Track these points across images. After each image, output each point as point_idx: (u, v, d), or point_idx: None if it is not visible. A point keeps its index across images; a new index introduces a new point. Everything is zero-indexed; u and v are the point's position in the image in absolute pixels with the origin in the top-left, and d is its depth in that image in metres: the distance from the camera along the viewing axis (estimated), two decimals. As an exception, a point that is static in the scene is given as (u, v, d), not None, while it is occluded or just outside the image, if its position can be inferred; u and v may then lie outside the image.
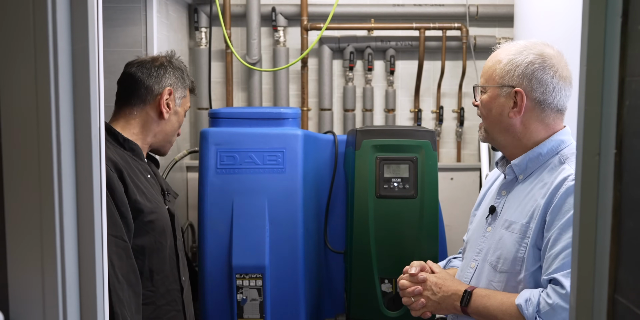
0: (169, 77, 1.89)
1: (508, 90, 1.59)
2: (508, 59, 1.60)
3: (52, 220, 0.98)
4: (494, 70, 1.62)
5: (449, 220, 3.12)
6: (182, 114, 1.95)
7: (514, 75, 1.58)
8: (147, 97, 1.87)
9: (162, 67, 1.90)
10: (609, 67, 0.82)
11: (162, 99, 1.86)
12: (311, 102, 3.38)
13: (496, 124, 1.63)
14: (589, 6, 0.84)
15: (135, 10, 2.57)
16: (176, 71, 1.92)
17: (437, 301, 1.64)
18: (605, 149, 0.83)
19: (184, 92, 1.94)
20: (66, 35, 0.98)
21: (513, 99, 1.59)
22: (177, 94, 1.90)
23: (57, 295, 0.99)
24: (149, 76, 1.89)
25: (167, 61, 1.92)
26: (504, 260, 1.56)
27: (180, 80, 1.92)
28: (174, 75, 1.91)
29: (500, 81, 1.60)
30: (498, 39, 3.28)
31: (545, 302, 1.44)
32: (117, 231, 1.62)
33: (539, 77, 1.57)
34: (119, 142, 1.80)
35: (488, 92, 1.63)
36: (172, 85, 1.89)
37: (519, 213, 1.58)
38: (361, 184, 2.16)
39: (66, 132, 0.99)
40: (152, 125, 1.88)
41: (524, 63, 1.58)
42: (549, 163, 1.59)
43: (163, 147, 1.96)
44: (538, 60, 1.58)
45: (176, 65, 1.93)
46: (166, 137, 1.93)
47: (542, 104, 1.59)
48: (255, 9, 3.21)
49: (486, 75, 1.65)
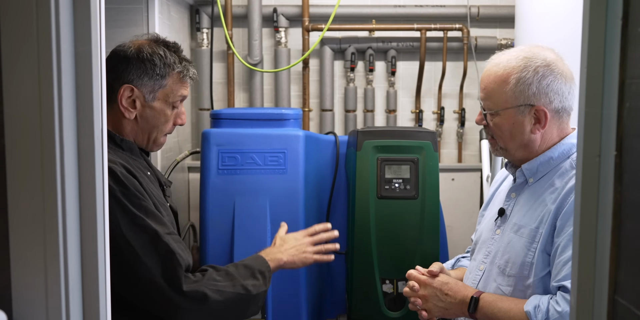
0: (130, 73, 1.70)
1: (526, 109, 1.54)
2: (516, 78, 1.53)
3: (55, 220, 0.98)
4: (504, 93, 1.55)
5: (450, 221, 3.12)
6: (162, 107, 1.74)
7: (528, 94, 1.53)
8: (110, 94, 1.69)
9: (124, 61, 1.71)
10: (609, 69, 0.83)
11: (120, 97, 1.69)
12: (312, 103, 3.39)
13: (516, 141, 1.58)
14: (590, 8, 0.84)
15: (137, 12, 2.58)
16: (142, 64, 1.71)
17: (445, 307, 1.63)
18: (605, 150, 0.83)
19: (159, 83, 1.72)
20: (69, 37, 0.98)
21: (532, 116, 1.54)
22: (145, 89, 1.71)
23: (59, 295, 0.99)
24: (109, 71, 1.68)
25: (135, 51, 1.72)
26: (512, 264, 1.55)
27: (148, 72, 1.71)
28: (138, 68, 1.70)
29: (515, 102, 1.54)
30: (499, 39, 3.28)
31: (555, 309, 1.43)
32: (169, 228, 1.61)
33: (555, 88, 1.53)
34: (116, 144, 1.72)
35: (501, 115, 1.56)
36: (134, 81, 1.70)
37: (528, 217, 1.56)
38: (362, 184, 2.16)
39: (69, 133, 0.99)
40: (127, 124, 1.73)
41: (535, 79, 1.52)
42: (560, 167, 1.57)
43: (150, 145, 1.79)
44: (547, 71, 1.53)
45: (145, 57, 1.71)
46: (152, 134, 1.76)
47: (560, 111, 1.56)
48: (256, 9, 3.21)
49: (494, 99, 1.57)
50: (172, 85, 1.75)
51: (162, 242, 1.57)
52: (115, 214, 1.53)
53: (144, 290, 1.57)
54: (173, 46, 1.80)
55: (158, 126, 1.76)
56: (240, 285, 1.66)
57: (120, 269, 1.52)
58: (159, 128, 1.76)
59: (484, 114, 1.62)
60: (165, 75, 1.74)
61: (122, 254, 1.53)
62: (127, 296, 1.57)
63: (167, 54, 1.75)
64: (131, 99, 1.71)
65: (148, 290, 1.56)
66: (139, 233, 1.56)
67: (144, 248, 1.56)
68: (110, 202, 1.51)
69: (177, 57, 1.77)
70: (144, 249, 1.55)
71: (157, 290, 1.56)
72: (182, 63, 1.78)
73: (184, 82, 1.78)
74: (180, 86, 1.77)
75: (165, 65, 1.73)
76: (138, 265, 1.55)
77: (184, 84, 1.78)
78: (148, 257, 1.55)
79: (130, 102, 1.71)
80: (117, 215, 1.54)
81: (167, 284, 1.56)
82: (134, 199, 1.58)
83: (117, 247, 1.51)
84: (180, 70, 1.76)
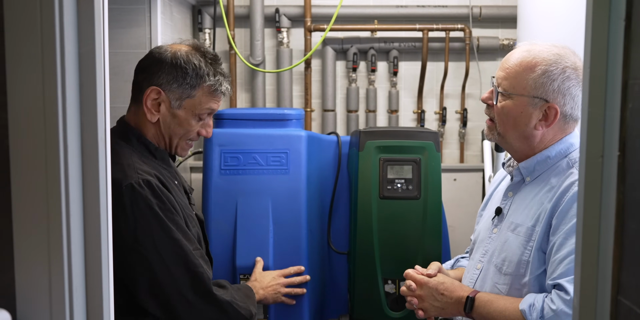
0: (160, 76, 1.66)
1: (540, 102, 1.53)
2: (543, 70, 1.52)
3: (59, 220, 0.99)
4: (526, 79, 1.53)
5: (452, 221, 3.13)
6: (186, 117, 1.70)
7: (548, 89, 1.52)
8: (137, 94, 1.69)
9: (157, 63, 1.67)
10: (612, 70, 0.83)
11: (146, 97, 1.66)
12: (314, 103, 3.39)
13: (516, 131, 1.57)
14: (593, 9, 0.84)
15: (139, 12, 2.58)
16: (174, 70, 1.67)
17: (441, 307, 1.63)
18: (608, 151, 0.83)
19: (187, 92, 1.68)
20: (73, 38, 0.98)
21: (542, 112, 1.54)
22: (172, 95, 1.67)
23: (63, 295, 0.99)
24: (142, 70, 1.69)
25: (171, 56, 1.68)
26: (509, 262, 1.56)
27: (178, 80, 1.67)
28: (170, 73, 1.66)
29: (533, 92, 1.52)
30: (501, 40, 3.28)
31: (549, 307, 1.43)
32: (194, 244, 1.63)
33: (573, 93, 1.52)
34: (151, 152, 1.69)
35: (514, 99, 1.55)
36: (163, 85, 1.66)
37: (525, 216, 1.57)
38: (364, 185, 2.16)
39: (73, 134, 0.99)
40: (150, 125, 1.70)
41: (560, 78, 1.51)
42: (557, 166, 1.57)
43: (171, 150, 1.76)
44: (573, 75, 1.52)
45: (179, 64, 1.67)
46: (174, 141, 1.73)
47: (567, 117, 1.56)
48: (258, 10, 3.21)
49: (512, 81, 1.55)
50: (201, 97, 1.70)
51: (191, 260, 1.61)
52: (150, 226, 1.55)
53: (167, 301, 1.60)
54: (212, 58, 1.74)
55: (179, 134, 1.72)
56: (248, 310, 1.74)
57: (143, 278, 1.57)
58: (180, 136, 1.72)
59: (495, 93, 1.59)
60: (195, 85, 1.69)
61: (150, 265, 1.56)
62: (143, 303, 1.59)
63: (202, 65, 1.70)
64: (156, 102, 1.68)
65: (172, 301, 1.60)
66: (173, 248, 1.58)
67: (175, 264, 1.59)
68: (147, 214, 1.54)
69: (213, 70, 1.72)
70: (176, 265, 1.58)
71: (185, 302, 1.60)
72: (216, 76, 1.72)
73: (214, 96, 1.73)
74: (210, 99, 1.72)
75: (197, 76, 1.69)
76: (167, 278, 1.58)
77: (215, 98, 1.73)
78: (179, 273, 1.59)
79: (154, 105, 1.68)
80: (152, 228, 1.56)
81: (199, 296, 1.61)
82: (169, 213, 1.59)
83: (147, 258, 1.55)
84: (212, 83, 1.71)
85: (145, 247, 1.55)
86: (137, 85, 1.70)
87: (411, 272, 1.72)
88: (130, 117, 1.73)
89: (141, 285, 1.57)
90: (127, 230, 1.53)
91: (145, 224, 1.54)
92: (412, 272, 1.72)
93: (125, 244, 1.52)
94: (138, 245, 1.54)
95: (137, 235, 1.54)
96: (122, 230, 1.51)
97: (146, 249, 1.54)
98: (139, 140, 1.69)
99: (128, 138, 1.68)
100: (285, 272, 2.08)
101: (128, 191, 1.53)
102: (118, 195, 1.48)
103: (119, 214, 1.48)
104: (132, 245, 1.54)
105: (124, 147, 1.65)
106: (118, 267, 1.45)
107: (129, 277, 1.56)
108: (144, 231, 1.54)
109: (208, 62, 1.72)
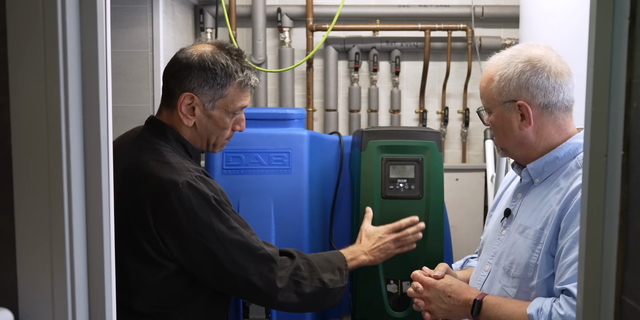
0: (191, 81, 1.70)
1: (511, 105, 1.57)
2: (499, 75, 1.57)
3: (61, 220, 0.99)
4: (490, 90, 1.60)
5: (454, 221, 3.12)
6: (221, 116, 1.74)
7: (510, 89, 1.56)
8: (171, 99, 1.73)
9: (186, 68, 1.71)
10: (617, 69, 0.82)
11: (180, 104, 1.70)
12: (316, 103, 3.39)
13: (510, 140, 1.60)
14: (597, 8, 0.84)
15: (141, 11, 2.59)
16: (203, 72, 1.70)
17: (448, 309, 1.63)
18: (612, 150, 0.83)
19: (220, 92, 1.72)
20: (75, 37, 0.98)
21: (518, 112, 1.56)
22: (204, 98, 1.71)
23: (66, 295, 0.99)
24: (172, 76, 1.73)
25: (198, 59, 1.72)
26: (517, 265, 1.55)
27: (209, 82, 1.70)
28: (200, 77, 1.70)
29: (500, 99, 1.58)
30: (503, 39, 3.28)
31: (557, 313, 1.42)
32: (251, 230, 1.72)
33: (534, 83, 1.54)
34: (188, 152, 1.74)
35: (493, 112, 1.61)
36: (195, 89, 1.70)
37: (533, 218, 1.56)
38: (367, 184, 2.16)
39: (75, 133, 0.99)
40: (186, 129, 1.75)
41: (514, 75, 1.55)
42: (566, 167, 1.56)
43: (210, 149, 1.82)
44: (527, 67, 1.55)
45: (207, 66, 1.70)
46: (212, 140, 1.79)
47: (549, 107, 1.56)
48: (260, 9, 3.21)
49: (485, 97, 1.63)
50: (233, 95, 1.74)
51: (255, 247, 1.68)
52: (210, 218, 1.62)
53: (238, 287, 1.70)
54: (237, 53, 1.78)
55: (216, 133, 1.77)
56: (318, 279, 1.77)
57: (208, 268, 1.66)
58: (217, 135, 1.78)
59: (479, 114, 1.69)
60: (226, 84, 1.72)
61: (215, 255, 1.63)
62: (216, 288, 1.71)
63: (229, 63, 1.73)
64: (190, 106, 1.71)
65: (243, 287, 1.69)
66: (234, 236, 1.66)
67: (241, 252, 1.66)
68: (205, 207, 1.62)
69: (240, 65, 1.75)
70: (241, 254, 1.66)
71: (254, 289, 1.69)
72: (244, 71, 1.75)
73: (244, 91, 1.77)
74: (241, 95, 1.76)
75: (226, 75, 1.72)
76: (234, 266, 1.65)
77: (245, 93, 1.77)
78: (245, 260, 1.66)
79: (189, 110, 1.72)
80: (212, 219, 1.63)
81: (265, 285, 1.68)
82: (224, 206, 1.67)
83: (211, 249, 1.63)
84: (242, 79, 1.74)
85: (207, 239, 1.62)
86: (168, 91, 1.75)
87: (418, 273, 1.71)
88: (163, 119, 1.77)
89: (209, 274, 1.67)
90: (188, 224, 1.60)
91: (206, 216, 1.61)
92: (420, 273, 1.71)
93: (189, 237, 1.61)
94: (201, 237, 1.61)
95: (198, 228, 1.61)
96: (183, 226, 1.59)
97: (209, 240, 1.62)
98: (177, 139, 1.74)
99: (167, 137, 1.73)
100: (396, 226, 1.99)
101: (185, 188, 1.60)
102: (177, 193, 1.58)
103: (179, 209, 1.58)
104: (194, 238, 1.61)
105: (165, 146, 1.71)
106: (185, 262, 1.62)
107: (197, 268, 1.65)
108: (204, 224, 1.62)
109: (234, 59, 1.75)
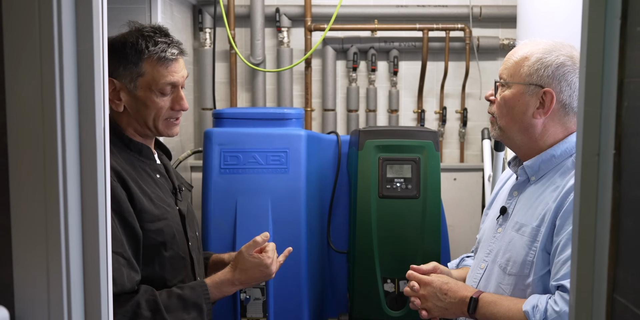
0: (108, 66, 1.61)
1: (536, 89, 1.54)
2: (537, 57, 1.55)
3: (57, 218, 0.99)
4: (521, 67, 1.56)
5: (451, 221, 3.13)
6: (147, 95, 1.66)
7: (543, 75, 1.54)
8: None
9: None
10: (608, 69, 0.83)
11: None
12: (315, 103, 3.39)
13: (516, 122, 1.58)
14: (589, 8, 0.84)
15: (140, 11, 2.59)
16: (114, 54, 1.61)
17: (444, 307, 1.62)
18: (604, 149, 0.83)
19: (135, 71, 1.64)
20: (71, 36, 0.99)
21: (540, 99, 1.54)
22: (124, 79, 1.65)
23: (61, 292, 1.00)
24: None
25: (110, 43, 1.59)
26: (513, 263, 1.55)
27: (122, 61, 1.64)
28: (112, 59, 1.60)
29: (528, 79, 1.55)
30: (501, 39, 3.28)
31: (553, 309, 1.42)
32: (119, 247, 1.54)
33: (570, 80, 1.53)
34: (125, 144, 1.68)
35: (512, 88, 1.57)
36: (113, 73, 1.63)
37: (529, 216, 1.56)
38: (364, 184, 2.17)
39: (71, 132, 1.00)
40: (121, 116, 1.68)
41: (554, 64, 1.53)
42: (562, 165, 1.56)
43: (155, 132, 1.72)
44: (569, 62, 1.54)
45: (116, 47, 1.63)
46: (149, 123, 1.69)
47: (567, 108, 1.55)
48: (259, 9, 3.22)
49: (510, 71, 1.58)
50: (152, 72, 1.65)
51: None
52: None
53: None
54: (150, 30, 1.69)
55: (150, 115, 1.68)
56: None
57: None
58: (152, 116, 1.68)
59: (495, 87, 1.63)
60: (138, 62, 1.64)
61: None
62: None
63: (139, 40, 1.65)
64: (116, 92, 1.66)
65: None
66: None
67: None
68: None
69: (153, 40, 1.66)
70: None
71: None
72: (158, 45, 1.65)
73: (166, 67, 1.66)
74: (162, 71, 1.66)
75: (136, 52, 1.64)
76: None
77: (168, 69, 1.66)
78: None
79: (115, 95, 1.65)
80: None
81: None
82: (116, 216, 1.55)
83: None
84: (155, 52, 1.64)
85: None
86: None
87: (413, 272, 1.72)
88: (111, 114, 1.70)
89: None
90: None
91: None
92: (415, 273, 1.71)
93: None
94: None
95: None
96: None
97: None
98: (114, 132, 1.66)
99: (111, 132, 1.64)
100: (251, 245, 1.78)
101: None
102: None
103: None
104: None
105: None
106: None
107: None
108: None
109: (146, 36, 1.67)
